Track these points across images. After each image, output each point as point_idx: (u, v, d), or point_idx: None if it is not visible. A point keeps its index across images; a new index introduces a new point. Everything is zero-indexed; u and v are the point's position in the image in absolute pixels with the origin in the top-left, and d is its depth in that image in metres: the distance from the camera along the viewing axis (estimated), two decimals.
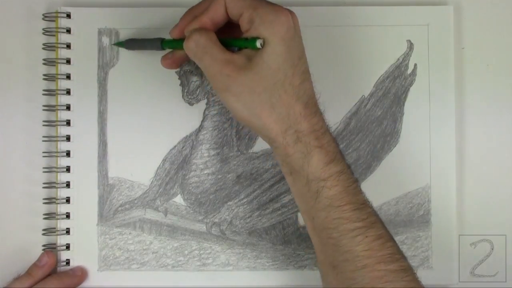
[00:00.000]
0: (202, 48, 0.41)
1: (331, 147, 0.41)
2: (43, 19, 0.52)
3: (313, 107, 0.41)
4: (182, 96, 0.52)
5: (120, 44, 0.51)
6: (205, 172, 0.52)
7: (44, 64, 0.52)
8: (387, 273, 0.39)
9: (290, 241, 0.52)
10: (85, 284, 0.51)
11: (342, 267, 0.40)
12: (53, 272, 0.51)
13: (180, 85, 0.52)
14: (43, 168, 0.52)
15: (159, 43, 0.48)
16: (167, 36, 0.47)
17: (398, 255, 0.41)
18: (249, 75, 0.40)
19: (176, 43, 0.46)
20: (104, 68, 0.52)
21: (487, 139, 0.53)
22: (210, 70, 0.41)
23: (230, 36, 0.44)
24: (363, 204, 0.41)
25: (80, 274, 0.51)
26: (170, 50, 0.48)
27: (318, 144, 0.40)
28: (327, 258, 0.41)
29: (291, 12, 0.41)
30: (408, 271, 0.40)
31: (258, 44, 0.40)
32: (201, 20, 0.42)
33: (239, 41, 0.41)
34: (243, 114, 0.41)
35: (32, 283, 0.49)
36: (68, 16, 0.52)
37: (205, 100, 0.52)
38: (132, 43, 0.51)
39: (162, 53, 0.49)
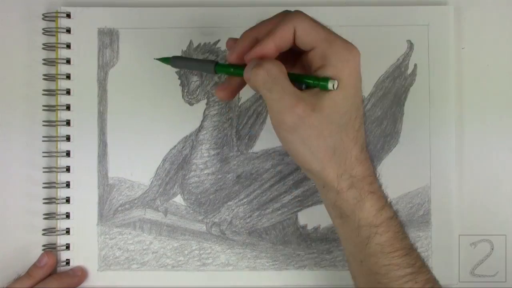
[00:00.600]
0: (273, 79, 0.37)
1: (382, 192, 0.40)
2: (43, 19, 0.52)
3: (366, 152, 0.40)
4: (182, 96, 0.52)
5: (165, 60, 0.45)
6: (205, 172, 0.52)
7: (44, 64, 0.52)
8: None
9: (290, 241, 0.52)
10: (85, 284, 0.51)
11: None
12: (53, 272, 0.51)
13: (180, 85, 0.52)
14: (43, 168, 0.52)
15: (212, 67, 0.42)
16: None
17: None
18: (319, 117, 0.37)
19: (234, 69, 0.41)
20: (104, 68, 0.52)
21: (487, 139, 0.53)
22: (279, 104, 0.37)
23: (289, 63, 0.41)
24: (411, 249, 0.41)
25: (80, 274, 0.51)
26: (225, 75, 0.44)
27: (372, 190, 0.39)
28: None
29: (357, 48, 0.39)
30: None
31: (330, 85, 0.37)
32: (266, 45, 0.38)
33: (310, 78, 0.38)
34: (304, 158, 0.39)
35: (32, 284, 0.49)
36: (68, 16, 0.52)
37: (205, 100, 0.52)
38: (179, 61, 0.46)
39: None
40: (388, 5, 0.52)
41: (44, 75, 0.52)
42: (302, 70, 0.41)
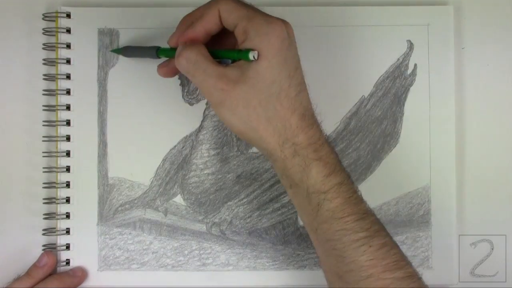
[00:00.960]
0: (194, 64, 0.40)
1: (329, 158, 0.41)
2: (43, 19, 0.52)
3: (309, 119, 0.41)
4: (182, 96, 0.52)
5: (117, 51, 0.51)
6: (205, 172, 0.52)
7: (44, 64, 0.52)
8: (393, 281, 0.39)
9: (290, 241, 0.52)
10: (85, 284, 0.51)
11: (347, 277, 0.40)
12: (53, 272, 0.51)
13: (180, 85, 0.52)
14: (43, 168, 0.52)
15: (155, 52, 0.47)
16: (166, 41, 0.46)
17: (403, 261, 0.40)
18: (244, 88, 0.39)
19: (172, 52, 0.44)
20: (104, 68, 0.52)
21: (487, 139, 0.53)
22: (203, 85, 0.40)
23: (224, 43, 0.43)
24: (366, 214, 0.41)
25: (80, 274, 0.51)
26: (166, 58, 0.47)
27: (316, 157, 0.40)
28: (332, 268, 0.41)
29: (285, 22, 0.40)
30: (414, 277, 0.40)
31: (251, 56, 0.39)
32: (195, 29, 0.41)
33: (232, 53, 0.41)
34: (239, 128, 0.40)
35: (32, 284, 0.49)
36: (68, 16, 0.52)
37: (205, 100, 0.52)
38: (129, 51, 0.50)
39: (160, 60, 0.48)
40: (388, 5, 0.52)
41: (44, 75, 0.52)
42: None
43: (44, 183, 0.52)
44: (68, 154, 0.51)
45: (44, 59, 0.52)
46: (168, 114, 0.52)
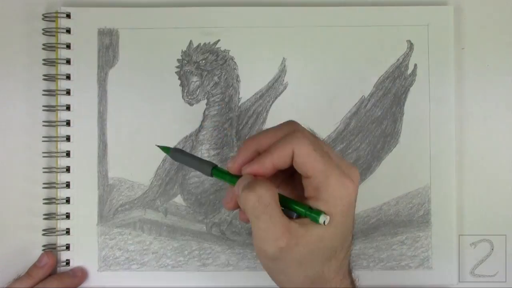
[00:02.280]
0: (263, 207, 0.35)
1: None
2: (43, 19, 0.52)
3: (348, 276, 0.39)
4: (182, 96, 0.52)
5: (166, 150, 0.43)
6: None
7: (44, 64, 0.52)
8: None
9: None
10: (85, 284, 0.51)
11: None
12: (53, 272, 0.51)
13: (180, 85, 0.52)
14: (43, 168, 0.52)
15: (210, 170, 0.40)
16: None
17: None
18: (302, 251, 0.36)
19: (229, 178, 0.39)
20: (104, 68, 0.52)
21: (487, 139, 0.53)
22: (262, 234, 0.36)
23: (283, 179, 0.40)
24: None
25: (80, 274, 0.51)
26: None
27: None
28: None
29: (357, 175, 0.37)
30: None
31: (321, 220, 0.35)
32: (264, 165, 0.36)
33: (301, 208, 0.36)
34: (283, 284, 0.38)
35: (32, 284, 0.49)
36: (68, 16, 0.52)
37: (205, 100, 0.52)
38: (179, 155, 0.43)
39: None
40: (388, 5, 0.52)
41: (44, 75, 0.52)
42: (295, 187, 0.39)
43: (44, 183, 0.52)
44: (68, 154, 0.51)
45: (44, 60, 0.52)
46: (168, 114, 0.52)
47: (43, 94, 0.52)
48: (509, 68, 0.53)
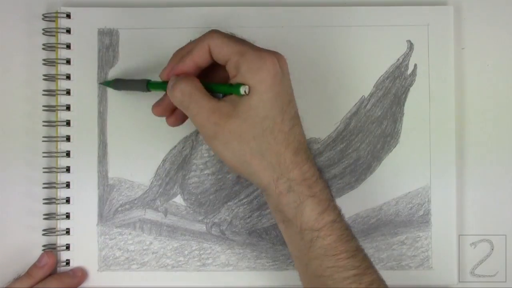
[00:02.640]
0: (188, 97, 0.40)
1: (323, 195, 0.41)
2: (43, 19, 0.52)
3: (303, 154, 0.41)
4: None
5: (107, 83, 0.51)
6: (205, 172, 0.52)
7: (44, 64, 0.52)
8: None
9: None
10: (85, 284, 0.51)
11: None
12: (53, 272, 0.51)
13: None
14: (43, 168, 0.52)
15: (145, 85, 0.47)
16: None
17: None
18: (237, 122, 0.39)
19: (163, 86, 0.45)
20: (104, 68, 0.52)
21: (487, 139, 0.53)
22: (197, 119, 0.40)
23: (215, 76, 0.44)
24: (356, 251, 0.41)
25: (80, 274, 0.51)
26: (159, 94, 0.47)
27: (311, 193, 0.40)
28: None
29: (278, 55, 0.40)
30: None
31: (242, 91, 0.39)
32: (185, 63, 0.42)
33: (223, 87, 0.41)
34: (232, 162, 0.41)
35: (32, 284, 0.49)
36: (68, 16, 0.52)
37: None
38: (119, 84, 0.50)
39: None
40: (388, 5, 0.52)
41: (44, 75, 0.52)
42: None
43: (44, 184, 0.52)
44: (68, 154, 0.51)
45: (44, 60, 0.52)
46: None
47: (43, 94, 0.52)
48: (509, 68, 0.53)
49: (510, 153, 0.53)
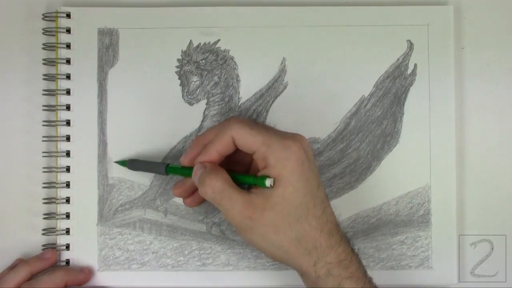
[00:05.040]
0: (220, 193, 0.41)
1: (359, 272, 0.42)
2: (43, 19, 0.52)
3: (337, 235, 0.42)
4: (182, 96, 0.52)
5: (123, 163, 0.51)
6: None
7: (44, 64, 0.52)
8: None
9: None
10: (85, 284, 0.51)
11: None
12: None
13: (180, 85, 0.52)
14: (43, 168, 0.52)
15: (164, 169, 0.48)
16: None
17: None
18: (272, 214, 0.40)
19: (183, 171, 0.46)
20: (104, 68, 0.52)
21: (487, 139, 0.53)
22: (230, 213, 0.41)
23: (239, 159, 0.45)
24: None
25: (88, 272, 0.50)
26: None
27: (348, 275, 0.41)
28: None
29: (301, 140, 0.41)
30: None
31: (267, 183, 0.40)
32: (209, 153, 0.42)
33: (249, 178, 0.42)
34: (270, 251, 0.41)
35: (28, 272, 0.48)
36: (68, 16, 0.52)
37: (205, 100, 0.52)
38: (135, 164, 0.50)
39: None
40: (388, 5, 0.52)
41: (44, 75, 0.52)
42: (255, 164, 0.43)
43: (44, 183, 0.52)
44: (68, 154, 0.51)
45: (44, 59, 0.52)
46: (168, 114, 0.52)
47: (43, 94, 0.52)
48: (509, 68, 0.53)
49: (510, 153, 0.53)
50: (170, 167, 0.48)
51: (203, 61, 0.52)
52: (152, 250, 0.52)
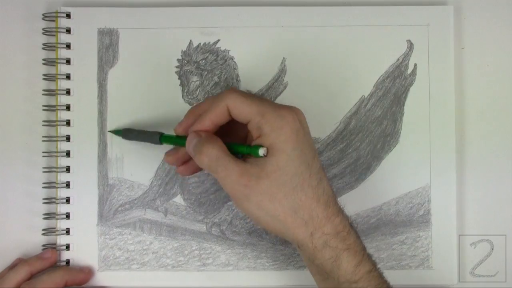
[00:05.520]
0: (215, 161, 0.40)
1: (357, 246, 0.42)
2: (43, 19, 0.52)
3: (334, 206, 0.42)
4: (182, 96, 0.52)
5: (117, 132, 0.51)
6: (205, 172, 0.52)
7: (44, 64, 0.52)
8: None
9: None
10: (85, 284, 0.51)
11: None
12: None
13: (180, 85, 0.52)
14: (43, 168, 0.52)
15: (158, 138, 0.47)
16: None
17: None
18: (267, 183, 0.40)
19: (177, 140, 0.46)
20: (104, 68, 0.52)
21: (487, 139, 0.53)
22: (226, 181, 0.40)
23: (233, 131, 0.44)
24: None
25: (88, 271, 0.51)
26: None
27: (346, 246, 0.41)
28: None
29: (296, 111, 0.41)
30: None
31: (261, 152, 0.40)
32: (204, 122, 0.42)
33: (242, 148, 0.41)
34: (266, 221, 0.41)
35: (28, 272, 0.49)
36: (68, 16, 0.52)
37: None
38: (129, 133, 0.50)
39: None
40: (388, 5, 0.52)
41: (44, 75, 0.52)
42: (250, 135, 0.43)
43: (44, 183, 0.52)
44: (68, 154, 0.51)
45: (44, 59, 0.52)
46: (168, 114, 0.52)
47: (43, 94, 0.52)
48: (509, 68, 0.53)
49: (510, 153, 0.53)
50: (164, 136, 0.47)
51: (203, 61, 0.52)
52: (152, 250, 0.52)
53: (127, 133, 0.50)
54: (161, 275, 0.51)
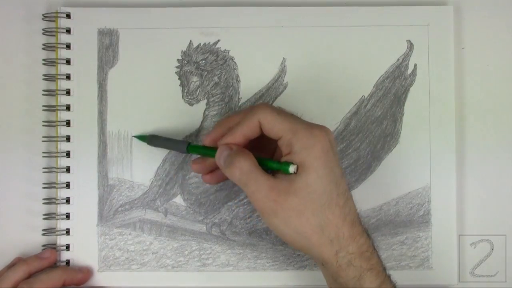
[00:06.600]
0: (246, 175, 0.41)
1: (380, 267, 0.42)
2: (43, 19, 0.52)
3: (359, 226, 0.42)
4: (182, 96, 0.52)
5: (142, 138, 0.51)
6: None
7: (44, 64, 0.52)
8: None
9: None
10: (85, 284, 0.51)
11: None
12: None
13: (180, 85, 0.52)
14: (43, 168, 0.52)
15: (185, 147, 0.48)
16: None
17: None
18: (296, 199, 0.40)
19: (205, 150, 0.46)
20: (104, 68, 0.52)
21: (487, 139, 0.53)
22: (256, 196, 0.41)
23: (261, 145, 0.45)
24: None
25: (86, 272, 0.51)
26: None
27: (369, 267, 0.41)
28: None
29: (327, 131, 0.41)
30: None
31: (291, 169, 0.40)
32: (235, 135, 0.43)
33: (272, 163, 0.42)
34: (292, 237, 0.41)
35: (26, 271, 0.48)
36: (68, 16, 0.52)
37: (205, 101, 0.52)
38: (155, 140, 0.50)
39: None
40: (388, 5, 0.52)
41: (44, 75, 0.52)
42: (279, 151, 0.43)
43: (44, 183, 0.52)
44: (68, 154, 0.51)
45: (44, 59, 0.52)
46: (168, 114, 0.52)
47: (43, 94, 0.52)
48: (509, 68, 0.53)
49: (510, 153, 0.53)
50: (191, 146, 0.47)
51: (203, 61, 0.52)
52: (152, 250, 0.52)
53: (153, 139, 0.50)
54: (161, 276, 0.51)
